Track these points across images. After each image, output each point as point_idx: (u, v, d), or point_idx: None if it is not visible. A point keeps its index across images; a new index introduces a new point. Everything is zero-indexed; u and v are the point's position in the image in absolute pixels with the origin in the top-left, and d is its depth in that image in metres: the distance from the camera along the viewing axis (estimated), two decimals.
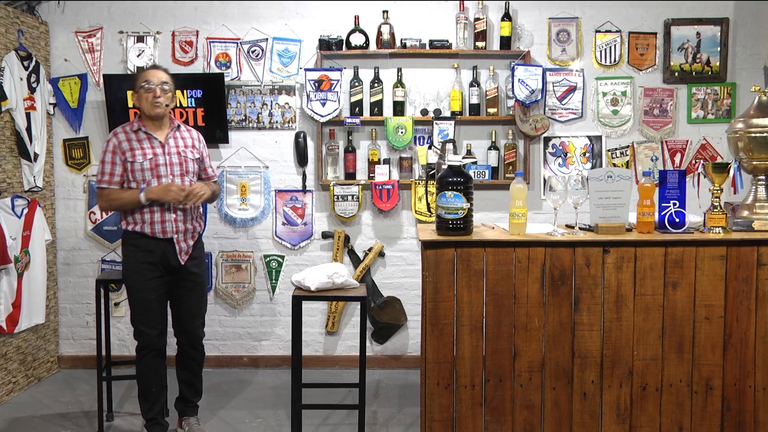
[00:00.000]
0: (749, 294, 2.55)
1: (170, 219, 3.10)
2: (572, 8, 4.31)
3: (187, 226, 3.16)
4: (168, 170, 3.10)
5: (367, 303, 4.28)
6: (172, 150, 3.13)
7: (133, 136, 3.10)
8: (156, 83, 3.08)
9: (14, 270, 3.80)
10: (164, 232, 3.09)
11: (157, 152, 3.10)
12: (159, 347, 3.17)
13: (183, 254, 3.16)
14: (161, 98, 3.08)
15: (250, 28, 4.31)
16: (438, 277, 2.53)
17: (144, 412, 3.23)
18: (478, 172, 4.19)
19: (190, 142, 3.22)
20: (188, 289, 3.23)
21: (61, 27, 4.31)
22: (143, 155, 3.07)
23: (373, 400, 3.83)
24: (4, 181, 3.82)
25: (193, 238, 3.21)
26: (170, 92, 3.15)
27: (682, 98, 4.32)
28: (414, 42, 4.20)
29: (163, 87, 3.09)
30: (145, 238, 3.09)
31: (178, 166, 3.13)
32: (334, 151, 4.28)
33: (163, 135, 3.14)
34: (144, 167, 3.06)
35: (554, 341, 2.56)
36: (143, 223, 3.08)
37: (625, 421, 2.58)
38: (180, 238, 3.14)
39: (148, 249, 3.09)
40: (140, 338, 3.14)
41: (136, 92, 3.11)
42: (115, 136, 3.09)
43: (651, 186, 2.64)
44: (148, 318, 3.12)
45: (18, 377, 3.95)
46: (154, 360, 3.17)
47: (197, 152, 3.24)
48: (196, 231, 3.22)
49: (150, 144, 3.10)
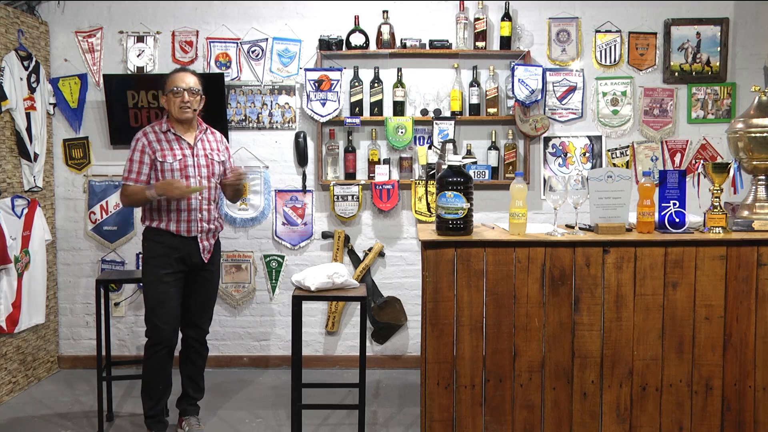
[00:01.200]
0: (749, 294, 2.55)
1: (196, 218, 3.16)
2: (572, 8, 4.31)
3: (211, 226, 3.23)
4: (196, 172, 3.16)
5: (367, 303, 4.28)
6: (200, 152, 3.20)
7: (163, 136, 3.16)
8: (184, 87, 3.12)
9: (14, 270, 3.80)
10: (189, 231, 3.16)
11: (186, 154, 3.16)
12: (171, 344, 3.19)
13: (206, 252, 3.23)
14: (189, 103, 3.14)
15: (250, 28, 4.31)
16: (438, 277, 2.53)
17: (146, 410, 3.23)
18: (478, 172, 4.19)
19: (215, 145, 3.29)
20: (201, 284, 3.28)
21: (61, 27, 4.31)
22: (173, 156, 3.13)
23: (373, 400, 3.83)
24: (4, 181, 3.82)
25: (215, 237, 3.30)
26: (199, 96, 3.19)
27: (682, 98, 4.32)
28: (414, 42, 4.20)
29: (191, 91, 3.14)
30: (169, 235, 3.14)
31: (206, 168, 3.20)
32: (334, 151, 4.28)
33: (191, 137, 3.21)
34: (174, 168, 3.12)
35: (554, 341, 2.56)
36: (169, 221, 3.13)
37: (625, 421, 2.58)
38: (203, 237, 3.21)
39: (172, 246, 3.15)
40: (153, 333, 3.15)
41: (165, 95, 3.17)
42: (145, 136, 3.14)
43: (651, 186, 2.64)
44: (164, 313, 3.14)
45: (18, 377, 3.95)
46: (164, 357, 3.18)
47: (223, 155, 3.31)
48: (217, 231, 3.31)
49: (179, 145, 3.16)
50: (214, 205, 3.25)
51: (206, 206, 3.19)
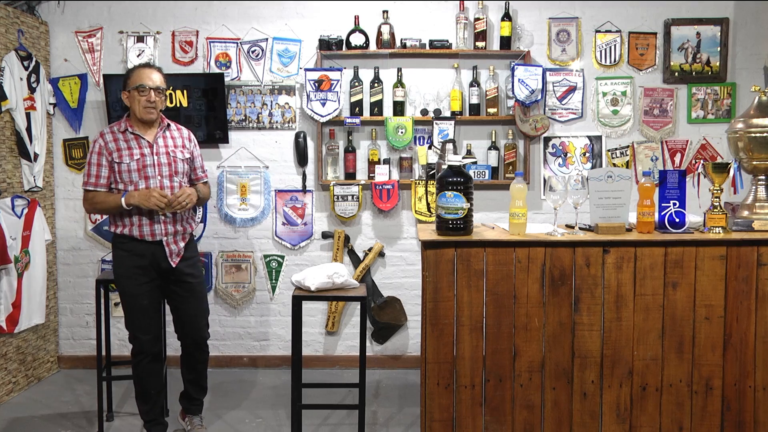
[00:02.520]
0: (749, 294, 2.55)
1: (159, 221, 3.02)
2: (572, 8, 4.31)
3: (177, 228, 3.08)
4: (156, 171, 3.02)
5: (367, 303, 4.28)
6: (160, 150, 3.05)
7: (121, 136, 3.02)
8: (151, 86, 2.99)
9: (14, 270, 3.80)
10: (153, 235, 3.02)
11: (144, 153, 3.02)
12: (153, 352, 3.13)
13: (174, 256, 3.08)
14: (155, 103, 3.02)
15: (250, 28, 4.31)
16: (438, 277, 2.53)
17: (143, 414, 3.22)
18: (478, 172, 4.19)
19: (180, 142, 3.14)
20: (185, 290, 3.16)
21: (61, 27, 4.31)
22: (130, 156, 2.99)
23: (373, 400, 3.83)
24: (4, 181, 3.82)
25: (184, 239, 3.13)
26: (164, 95, 3.08)
27: (682, 98, 4.32)
28: (414, 42, 4.20)
29: (158, 90, 3.02)
30: (134, 242, 3.02)
31: (167, 167, 3.05)
32: (334, 151, 4.28)
33: (151, 135, 3.06)
34: (131, 168, 2.99)
35: (554, 341, 2.56)
36: (132, 226, 3.01)
37: (625, 421, 2.58)
38: (170, 240, 3.06)
39: (137, 253, 3.03)
40: (135, 343, 3.11)
41: (128, 92, 3.02)
42: (102, 137, 3.02)
43: (651, 186, 2.64)
44: (141, 323, 3.08)
45: (18, 377, 3.94)
46: (149, 365, 3.13)
47: (187, 152, 3.16)
48: (186, 232, 3.15)
49: (138, 144, 3.02)
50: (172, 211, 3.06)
51: (162, 213, 3.02)
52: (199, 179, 3.28)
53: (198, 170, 3.27)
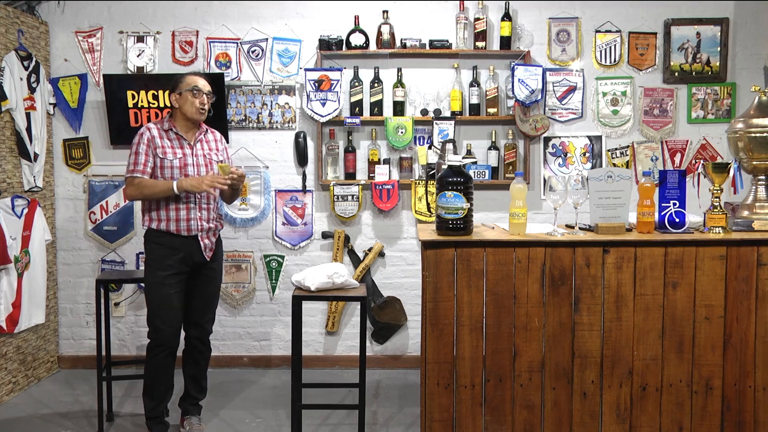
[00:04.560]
0: (749, 294, 2.55)
1: (195, 217, 3.18)
2: (572, 8, 4.31)
3: (210, 224, 3.25)
4: (195, 171, 3.20)
5: (367, 303, 4.28)
6: (199, 152, 3.24)
7: (164, 134, 3.20)
8: (205, 91, 3.20)
9: (14, 270, 3.80)
10: (189, 230, 3.17)
11: (186, 153, 3.20)
12: (173, 346, 3.20)
13: (208, 251, 3.25)
14: (207, 106, 3.22)
15: (250, 28, 4.31)
16: (438, 277, 2.53)
17: (148, 410, 3.24)
18: (478, 172, 4.19)
19: (214, 145, 3.33)
20: (204, 282, 3.30)
21: (61, 27, 4.31)
22: (173, 154, 3.17)
23: (373, 400, 3.83)
24: (4, 181, 3.82)
25: (215, 235, 3.31)
26: (211, 101, 3.27)
27: (682, 98, 4.32)
28: (414, 42, 4.20)
29: (210, 95, 3.23)
30: (169, 236, 3.16)
31: (204, 168, 3.23)
32: (334, 151, 4.28)
33: (192, 137, 3.25)
34: (174, 165, 3.16)
35: (554, 341, 2.56)
36: (168, 221, 3.15)
37: (625, 421, 2.58)
38: (204, 236, 3.22)
39: (173, 246, 3.16)
40: (156, 335, 3.17)
41: (180, 94, 3.18)
42: (149, 131, 3.18)
43: (651, 186, 2.64)
44: (166, 315, 3.16)
45: (18, 377, 3.95)
46: (166, 359, 3.19)
47: (221, 154, 3.34)
48: (217, 229, 3.32)
49: (180, 144, 3.20)
50: (213, 204, 3.27)
51: (205, 205, 3.21)
52: None
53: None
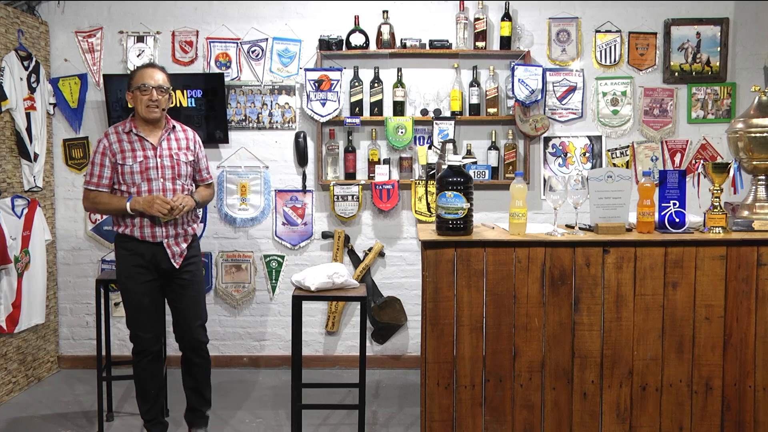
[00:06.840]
0: (749, 294, 2.55)
1: (160, 223, 3.01)
2: (572, 8, 4.31)
3: (178, 230, 3.06)
4: (159, 173, 3.01)
5: (367, 303, 4.28)
6: (164, 153, 3.03)
7: (125, 137, 3.01)
8: (153, 85, 2.97)
9: (14, 270, 3.80)
10: (154, 237, 3.01)
11: (148, 155, 3.00)
12: (154, 351, 3.13)
13: (177, 257, 3.07)
14: (158, 102, 2.99)
15: (250, 28, 4.31)
16: (438, 277, 2.53)
17: (143, 413, 3.21)
18: (478, 172, 4.19)
19: (184, 144, 3.12)
20: (182, 287, 3.12)
21: (61, 27, 4.31)
22: (134, 158, 2.98)
23: (373, 400, 3.83)
24: (4, 181, 3.82)
25: (186, 241, 3.11)
26: (167, 94, 3.05)
27: (682, 98, 4.32)
28: (414, 42, 4.20)
29: (160, 89, 2.99)
30: (135, 242, 3.01)
31: (170, 170, 3.03)
32: (334, 151, 4.28)
33: (156, 137, 3.04)
34: (134, 170, 2.98)
35: (554, 341, 2.56)
36: (133, 227, 3.00)
37: (625, 421, 2.58)
38: (171, 242, 3.05)
39: (138, 252, 3.02)
40: (135, 342, 3.10)
41: (131, 92, 3.01)
42: (106, 138, 3.00)
43: (651, 186, 2.64)
44: (142, 322, 3.08)
45: (18, 377, 3.95)
46: (150, 364, 3.13)
47: (191, 154, 3.14)
48: (188, 234, 3.12)
49: (141, 146, 3.00)
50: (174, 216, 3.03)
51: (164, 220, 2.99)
52: (203, 180, 3.26)
53: (203, 171, 3.25)
